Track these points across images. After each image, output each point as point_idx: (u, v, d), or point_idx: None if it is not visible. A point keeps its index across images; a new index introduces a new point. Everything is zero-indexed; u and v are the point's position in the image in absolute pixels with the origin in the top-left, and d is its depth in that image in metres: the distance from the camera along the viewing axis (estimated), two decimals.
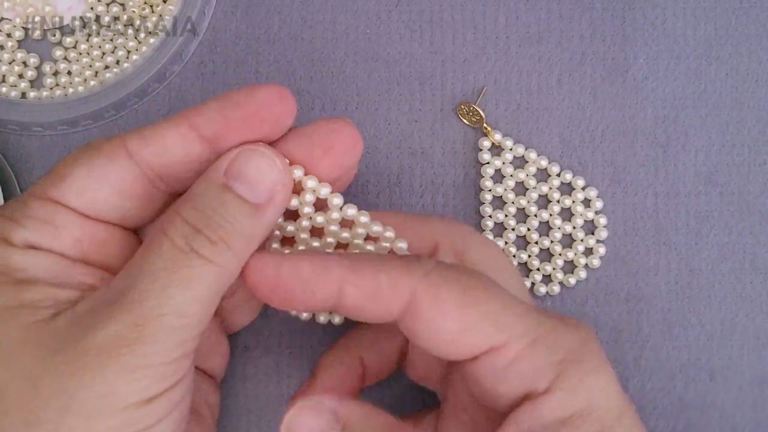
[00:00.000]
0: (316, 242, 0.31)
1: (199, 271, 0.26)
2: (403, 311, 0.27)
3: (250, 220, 0.28)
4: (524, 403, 0.27)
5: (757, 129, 0.38)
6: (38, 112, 0.36)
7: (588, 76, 0.39)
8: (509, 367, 0.27)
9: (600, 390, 0.27)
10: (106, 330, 0.25)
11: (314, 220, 0.30)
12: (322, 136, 0.30)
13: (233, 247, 0.27)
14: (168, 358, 0.26)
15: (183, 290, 0.26)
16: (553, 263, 0.37)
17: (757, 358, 0.37)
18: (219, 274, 0.27)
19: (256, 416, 0.36)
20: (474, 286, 0.27)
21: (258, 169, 0.28)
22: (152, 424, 0.26)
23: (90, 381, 0.25)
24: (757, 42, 0.39)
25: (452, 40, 0.39)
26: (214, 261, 0.27)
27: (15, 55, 0.38)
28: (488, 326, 0.27)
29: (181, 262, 0.26)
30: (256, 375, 0.37)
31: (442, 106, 0.38)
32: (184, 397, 0.28)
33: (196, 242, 0.27)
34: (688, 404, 0.37)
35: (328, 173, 0.30)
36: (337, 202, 0.30)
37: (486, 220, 0.37)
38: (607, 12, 0.39)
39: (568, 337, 0.28)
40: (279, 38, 0.39)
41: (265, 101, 0.28)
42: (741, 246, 0.38)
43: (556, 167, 0.38)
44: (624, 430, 0.27)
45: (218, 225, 0.27)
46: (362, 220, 0.30)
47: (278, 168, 0.28)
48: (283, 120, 0.29)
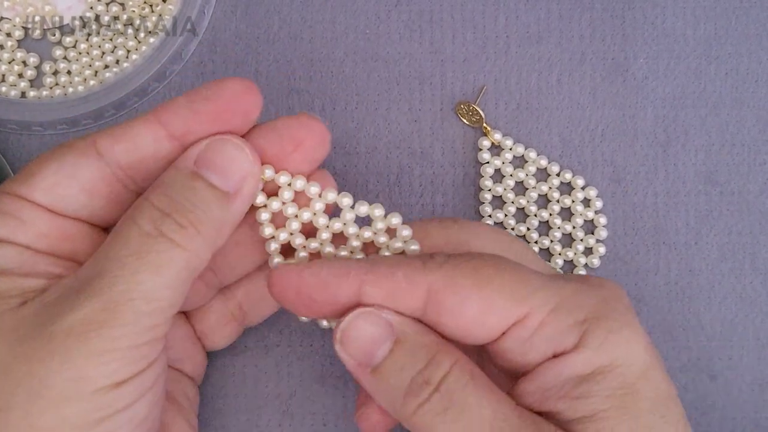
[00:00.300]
0: (314, 243, 0.31)
1: (168, 256, 0.26)
2: (425, 305, 0.28)
3: (221, 207, 0.28)
4: (550, 359, 0.28)
5: (757, 129, 0.38)
6: (38, 111, 0.36)
7: (588, 76, 0.39)
8: (534, 335, 0.27)
9: (624, 346, 0.27)
10: (74, 315, 0.25)
11: (332, 228, 0.31)
12: (292, 131, 0.30)
13: (203, 233, 0.27)
14: (137, 342, 0.26)
15: (152, 275, 0.26)
16: (553, 263, 0.37)
17: (757, 360, 0.37)
18: (189, 259, 0.27)
19: (256, 416, 0.36)
20: (487, 266, 0.28)
21: (229, 158, 0.28)
22: (123, 407, 0.26)
23: (58, 366, 0.25)
24: (757, 42, 0.39)
25: (452, 39, 0.39)
26: (183, 245, 0.27)
27: (15, 55, 0.38)
28: (508, 300, 0.27)
29: (150, 247, 0.26)
30: (256, 375, 0.36)
31: (442, 106, 0.38)
32: (157, 383, 0.28)
33: (165, 226, 0.27)
34: (688, 405, 0.37)
35: (298, 168, 0.30)
36: (347, 202, 0.30)
37: (486, 220, 0.37)
38: (607, 12, 0.39)
39: (591, 297, 0.28)
40: (279, 38, 0.39)
41: (232, 94, 0.29)
42: (741, 246, 0.38)
43: (556, 167, 0.38)
44: (648, 384, 0.27)
45: (188, 210, 0.27)
46: (346, 202, 0.31)
47: (249, 158, 0.28)
48: (251, 112, 0.29)
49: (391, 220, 0.30)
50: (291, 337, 0.37)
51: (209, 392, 0.36)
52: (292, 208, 0.31)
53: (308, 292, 0.28)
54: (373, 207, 0.31)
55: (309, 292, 0.28)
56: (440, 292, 0.27)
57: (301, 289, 0.28)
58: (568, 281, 0.29)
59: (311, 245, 0.31)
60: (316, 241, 0.31)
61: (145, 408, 0.27)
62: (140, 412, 0.27)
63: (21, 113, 0.36)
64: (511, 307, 0.27)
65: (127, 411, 0.26)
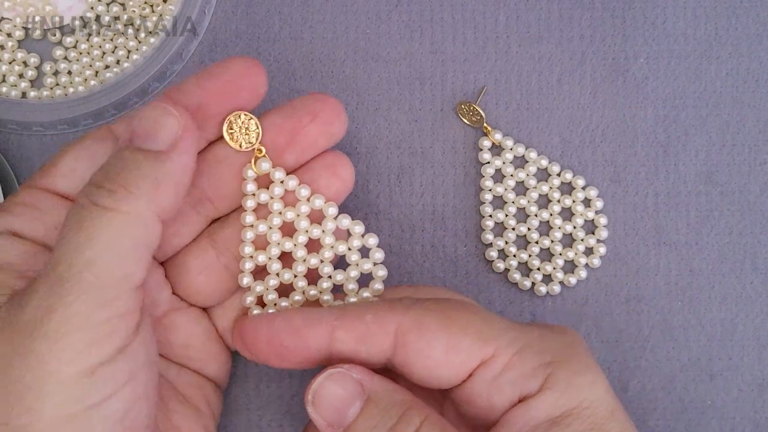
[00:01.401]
0: (287, 273, 0.33)
1: (102, 222, 0.26)
2: (393, 348, 0.28)
3: (153, 163, 0.28)
4: (517, 405, 0.28)
5: (757, 129, 0.38)
6: (38, 111, 0.36)
7: (588, 76, 0.39)
8: (500, 376, 0.28)
9: (590, 388, 0.28)
10: (30, 304, 0.25)
11: (311, 233, 0.32)
12: (307, 106, 0.32)
13: (136, 191, 0.27)
14: (94, 320, 0.26)
15: (90, 243, 0.26)
16: (553, 263, 0.37)
17: (757, 359, 0.37)
18: (126, 221, 0.27)
19: (256, 416, 0.36)
20: (453, 308, 0.29)
21: (154, 123, 0.28)
22: (96, 402, 0.26)
23: (22, 361, 0.25)
24: (757, 42, 0.39)
25: (452, 39, 0.39)
26: (116, 208, 0.27)
27: (15, 55, 0.38)
28: (474, 340, 0.28)
29: (85, 218, 0.26)
30: (256, 375, 0.36)
31: (442, 106, 0.38)
32: (135, 377, 0.27)
33: (95, 196, 0.27)
34: (688, 405, 0.37)
35: (316, 140, 0.32)
36: (305, 193, 0.32)
37: (486, 220, 0.37)
38: (607, 12, 0.39)
39: (555, 341, 0.29)
40: (279, 38, 0.39)
41: (238, 71, 0.31)
42: (741, 246, 0.38)
43: (557, 167, 0.38)
44: (616, 425, 0.28)
45: (117, 174, 0.27)
46: (330, 212, 0.32)
47: (174, 115, 0.29)
48: (257, 88, 0.31)
49: (368, 240, 0.32)
50: None
51: None
52: (278, 204, 0.32)
53: (280, 339, 0.29)
54: (354, 223, 0.32)
55: (281, 339, 0.29)
56: (408, 333, 0.28)
57: (273, 337, 0.29)
58: (531, 326, 0.30)
59: (290, 300, 0.33)
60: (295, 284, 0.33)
61: (121, 404, 0.26)
62: (117, 409, 0.26)
63: (21, 113, 0.36)
64: (477, 347, 0.28)
65: (101, 407, 0.26)
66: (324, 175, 0.33)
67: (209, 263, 0.33)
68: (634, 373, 0.37)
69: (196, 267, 0.33)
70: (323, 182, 0.33)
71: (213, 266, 0.33)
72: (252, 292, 0.32)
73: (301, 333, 0.29)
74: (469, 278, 0.37)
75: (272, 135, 0.32)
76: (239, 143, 0.32)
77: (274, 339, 0.29)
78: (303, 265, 0.32)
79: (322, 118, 0.32)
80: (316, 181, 0.33)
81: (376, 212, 0.38)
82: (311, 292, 0.32)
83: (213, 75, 0.31)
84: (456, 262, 0.37)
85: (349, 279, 0.32)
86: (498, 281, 0.37)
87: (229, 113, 0.31)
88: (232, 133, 0.32)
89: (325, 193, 0.33)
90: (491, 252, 0.37)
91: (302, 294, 0.33)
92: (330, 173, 0.33)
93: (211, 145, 0.33)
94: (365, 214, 0.38)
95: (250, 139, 0.32)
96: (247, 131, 0.32)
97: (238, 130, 0.32)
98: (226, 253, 0.33)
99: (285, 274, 0.32)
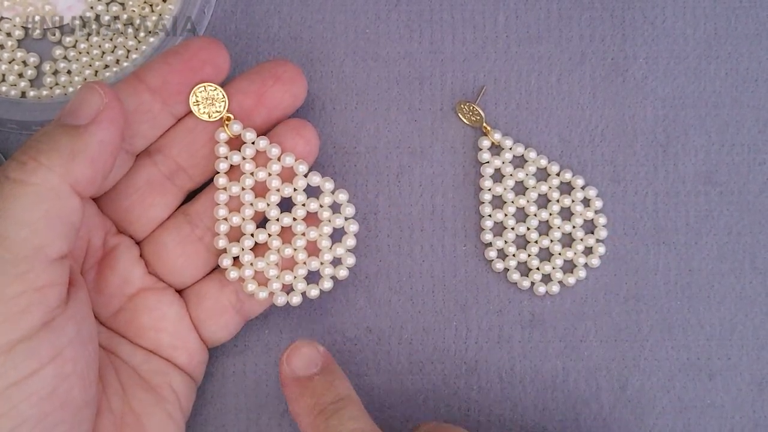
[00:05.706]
0: (262, 235, 0.34)
1: (11, 194, 0.27)
2: None
3: (69, 137, 0.28)
4: None
5: (757, 129, 0.38)
6: (38, 111, 0.36)
7: (588, 76, 0.39)
8: None
9: None
10: None
11: (282, 192, 0.34)
12: (270, 70, 0.34)
13: (47, 162, 0.27)
14: (7, 293, 0.26)
15: (0, 216, 0.26)
16: (552, 263, 0.37)
17: (756, 359, 0.37)
18: (35, 192, 0.27)
19: (255, 415, 0.36)
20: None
21: (79, 100, 0.29)
22: (16, 380, 0.26)
23: None
24: (757, 42, 0.39)
25: (452, 39, 0.39)
26: (25, 180, 0.27)
27: (15, 55, 0.38)
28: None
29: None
30: (256, 375, 0.37)
31: (442, 106, 0.38)
32: (62, 354, 0.27)
33: (8, 170, 0.27)
34: (687, 404, 0.37)
35: (281, 100, 0.34)
36: (276, 152, 0.34)
37: (485, 220, 0.37)
38: (607, 12, 0.39)
39: None
40: (279, 38, 0.39)
41: (199, 48, 0.33)
42: (741, 246, 0.38)
43: (556, 167, 0.38)
44: None
45: (29, 147, 0.28)
46: (301, 169, 0.34)
47: (98, 93, 0.29)
48: (220, 63, 0.33)
49: (338, 196, 0.34)
50: (291, 336, 0.37)
51: (209, 392, 0.36)
52: (250, 164, 0.34)
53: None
54: (325, 180, 0.34)
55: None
56: None
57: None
58: None
59: (259, 263, 0.34)
60: (264, 233, 0.34)
61: (46, 381, 0.26)
62: (41, 386, 0.26)
63: (21, 113, 0.36)
64: None
65: (23, 384, 0.26)
66: (289, 136, 0.34)
67: (184, 236, 0.34)
68: (633, 373, 0.37)
69: (171, 241, 0.34)
70: (289, 143, 0.34)
71: (188, 239, 0.34)
72: (228, 254, 0.34)
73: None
74: (469, 278, 0.37)
75: (240, 98, 0.34)
76: (207, 113, 0.34)
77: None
78: (276, 225, 0.34)
79: (284, 79, 0.34)
80: (283, 143, 0.34)
81: (375, 212, 0.38)
82: (286, 251, 0.34)
83: (176, 53, 0.33)
84: (455, 262, 0.37)
85: (322, 235, 0.34)
86: (497, 281, 0.38)
87: (194, 86, 0.33)
88: (198, 103, 0.33)
89: (292, 152, 0.34)
90: (490, 252, 0.37)
91: (277, 253, 0.34)
92: (294, 134, 0.34)
93: (183, 118, 0.34)
94: (365, 213, 0.38)
95: (217, 108, 0.34)
96: (213, 101, 0.33)
97: (204, 102, 0.33)
98: (200, 226, 0.34)
99: (260, 234, 0.34)
